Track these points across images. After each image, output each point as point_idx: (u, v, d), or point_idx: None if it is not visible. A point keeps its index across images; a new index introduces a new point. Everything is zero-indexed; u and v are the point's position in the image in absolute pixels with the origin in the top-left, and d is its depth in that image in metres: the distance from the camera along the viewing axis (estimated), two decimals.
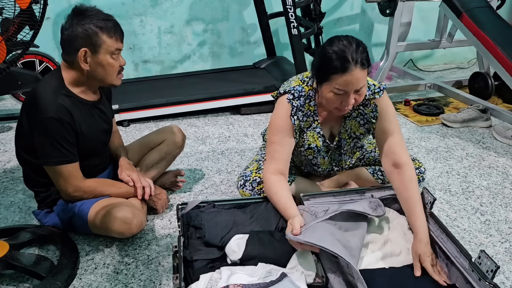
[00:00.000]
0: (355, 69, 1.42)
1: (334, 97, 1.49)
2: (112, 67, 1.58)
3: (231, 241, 1.39)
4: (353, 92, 1.47)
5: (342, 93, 1.47)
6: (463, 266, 1.30)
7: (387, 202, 1.63)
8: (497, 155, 2.48)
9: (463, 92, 3.20)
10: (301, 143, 1.73)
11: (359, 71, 1.43)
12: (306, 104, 1.65)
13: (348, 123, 1.72)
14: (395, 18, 3.10)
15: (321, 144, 1.74)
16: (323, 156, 1.79)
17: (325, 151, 1.77)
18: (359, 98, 1.51)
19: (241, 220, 1.48)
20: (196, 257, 1.36)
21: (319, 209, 1.53)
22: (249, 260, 1.35)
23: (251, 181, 1.84)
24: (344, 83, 1.44)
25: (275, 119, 1.65)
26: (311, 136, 1.72)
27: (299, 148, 1.75)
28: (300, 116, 1.65)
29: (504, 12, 4.15)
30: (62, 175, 1.59)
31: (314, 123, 1.69)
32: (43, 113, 1.51)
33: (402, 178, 1.55)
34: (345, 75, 1.43)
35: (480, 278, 1.21)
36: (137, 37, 3.48)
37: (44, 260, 1.55)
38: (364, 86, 1.49)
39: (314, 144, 1.73)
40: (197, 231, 1.45)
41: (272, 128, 1.65)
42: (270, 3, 3.55)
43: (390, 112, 1.66)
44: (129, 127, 2.89)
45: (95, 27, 1.51)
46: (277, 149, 1.62)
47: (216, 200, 1.57)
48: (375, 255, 1.43)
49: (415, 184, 1.54)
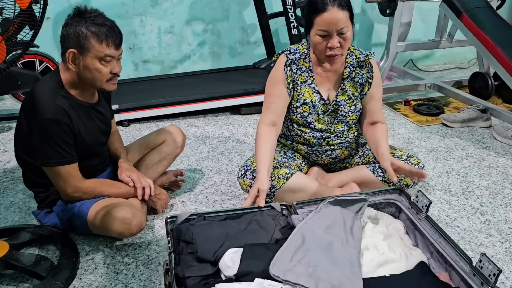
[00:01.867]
0: (332, 8, 1.61)
1: (320, 39, 1.66)
2: (100, 72, 1.54)
3: (225, 255, 1.31)
4: (336, 34, 1.64)
5: (325, 34, 1.64)
6: (463, 270, 1.28)
7: (381, 207, 1.62)
8: (497, 155, 2.48)
9: (463, 92, 3.20)
10: (296, 98, 1.84)
11: (337, 10, 1.61)
12: (301, 59, 1.83)
13: (347, 84, 1.85)
14: (395, 18, 3.10)
15: (317, 100, 1.84)
16: (318, 113, 1.85)
17: (322, 110, 1.86)
18: (344, 42, 1.67)
19: (234, 232, 1.42)
20: (189, 274, 1.28)
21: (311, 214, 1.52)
22: (245, 276, 1.26)
23: (251, 170, 1.84)
24: (324, 22, 1.62)
25: (272, 72, 1.84)
26: (307, 92, 1.84)
27: (295, 104, 1.85)
28: (294, 69, 1.82)
29: (504, 12, 4.15)
30: (61, 176, 1.59)
31: (310, 79, 1.83)
32: (41, 115, 1.51)
33: (374, 129, 1.86)
34: (324, 14, 1.61)
35: (482, 283, 1.19)
36: (137, 37, 3.48)
37: (44, 260, 1.55)
38: (346, 28, 1.64)
39: (309, 99, 1.84)
40: (188, 246, 1.36)
41: (269, 80, 1.85)
42: (270, 3, 3.55)
43: (379, 78, 1.88)
44: (129, 127, 2.89)
45: (86, 30, 1.49)
46: (273, 100, 1.82)
47: (206, 212, 1.51)
48: (373, 262, 1.38)
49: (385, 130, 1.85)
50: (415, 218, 1.51)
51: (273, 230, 1.45)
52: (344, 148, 1.95)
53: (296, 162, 1.97)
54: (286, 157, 1.94)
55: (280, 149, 1.97)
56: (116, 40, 1.53)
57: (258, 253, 1.32)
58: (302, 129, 1.90)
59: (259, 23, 3.41)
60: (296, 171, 1.83)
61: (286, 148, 2.00)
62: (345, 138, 1.93)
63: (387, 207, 1.63)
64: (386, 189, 1.64)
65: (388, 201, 1.62)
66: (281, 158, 1.90)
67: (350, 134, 1.94)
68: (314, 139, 1.90)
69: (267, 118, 1.82)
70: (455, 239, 1.75)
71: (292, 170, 1.83)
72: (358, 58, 1.84)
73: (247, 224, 1.46)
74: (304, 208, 1.56)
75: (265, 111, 1.84)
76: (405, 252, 1.43)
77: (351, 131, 1.94)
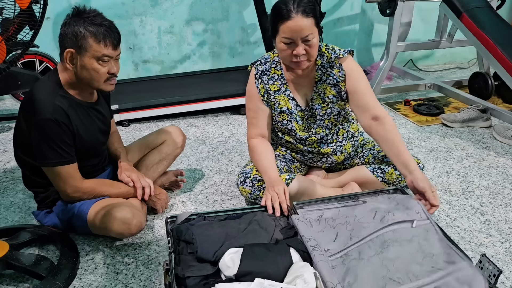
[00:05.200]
0: (296, 16, 1.55)
1: (285, 47, 1.62)
2: (97, 72, 1.54)
3: (225, 255, 1.31)
4: (301, 42, 1.59)
5: (290, 41, 1.60)
6: None
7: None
8: (497, 155, 2.48)
9: (463, 92, 3.20)
10: (274, 107, 1.83)
11: (301, 18, 1.55)
12: (272, 68, 1.81)
13: (320, 87, 1.80)
14: (395, 18, 3.10)
15: (293, 107, 1.81)
16: (297, 120, 1.84)
17: (299, 116, 1.84)
18: (310, 49, 1.61)
19: (234, 232, 1.42)
20: (189, 274, 1.27)
21: (313, 216, 1.52)
22: (245, 276, 1.26)
23: (251, 178, 1.84)
24: (288, 30, 1.57)
25: (247, 86, 1.85)
26: (282, 100, 1.81)
27: (274, 113, 1.84)
28: (265, 79, 1.80)
29: (504, 12, 4.15)
30: (60, 176, 1.59)
31: (283, 86, 1.81)
32: (40, 114, 1.51)
33: (384, 126, 1.67)
34: (288, 22, 1.56)
35: None
36: (137, 37, 3.48)
37: (44, 260, 1.55)
38: (311, 35, 1.58)
39: (285, 107, 1.81)
40: (188, 246, 1.37)
41: (246, 94, 1.86)
42: (270, 3, 3.53)
43: (357, 72, 1.76)
44: (129, 127, 2.89)
45: (84, 30, 1.49)
46: (253, 115, 1.83)
47: (206, 212, 1.52)
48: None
49: (397, 129, 1.68)
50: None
51: (273, 231, 1.44)
52: (339, 153, 1.94)
53: (296, 164, 1.97)
54: (285, 160, 1.94)
55: (279, 153, 1.96)
56: (114, 40, 1.53)
57: (258, 253, 1.31)
58: (287, 139, 1.90)
59: (259, 23, 3.39)
60: (296, 175, 1.83)
61: (284, 151, 1.99)
62: (335, 143, 1.91)
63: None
64: (386, 189, 1.64)
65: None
66: (279, 163, 1.90)
67: (339, 137, 1.91)
68: (304, 147, 1.90)
69: (253, 133, 1.84)
70: (455, 239, 1.75)
71: (292, 174, 1.83)
72: (329, 58, 1.77)
73: (247, 224, 1.46)
74: (304, 208, 1.56)
75: (249, 126, 1.86)
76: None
77: (340, 134, 1.91)
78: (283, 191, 1.58)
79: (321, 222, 1.51)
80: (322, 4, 3.24)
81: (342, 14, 3.91)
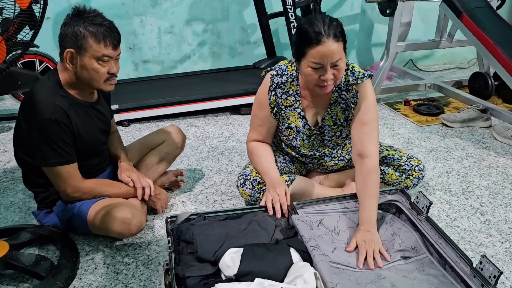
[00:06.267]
0: (327, 41, 1.47)
1: (311, 72, 1.53)
2: (97, 72, 1.54)
3: (225, 255, 1.32)
4: (330, 67, 1.51)
5: (318, 67, 1.51)
6: (464, 271, 1.28)
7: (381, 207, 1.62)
8: (497, 155, 2.48)
9: (463, 92, 3.20)
10: (282, 121, 1.79)
11: (332, 43, 1.47)
12: (288, 83, 1.73)
13: (334, 109, 1.75)
14: (395, 18, 3.10)
15: (301, 126, 1.77)
16: (303, 139, 1.81)
17: (306, 135, 1.80)
18: (338, 73, 1.54)
19: (234, 232, 1.42)
20: (189, 274, 1.28)
21: (313, 219, 1.53)
22: (245, 276, 1.26)
23: (251, 180, 1.84)
24: (318, 55, 1.49)
25: (258, 92, 1.79)
26: (292, 116, 1.77)
27: (281, 126, 1.81)
28: (279, 93, 1.74)
29: (504, 12, 4.15)
30: (60, 176, 1.59)
31: (296, 103, 1.75)
32: (40, 114, 1.51)
33: (362, 169, 1.60)
34: (318, 47, 1.47)
35: (483, 285, 1.19)
36: (137, 37, 3.48)
37: (44, 260, 1.55)
38: (340, 60, 1.51)
39: (294, 124, 1.78)
40: (188, 246, 1.37)
41: (255, 100, 1.81)
42: (270, 3, 3.55)
43: (368, 102, 1.68)
44: (129, 127, 2.89)
45: (84, 30, 1.49)
46: (259, 123, 1.80)
47: (207, 212, 1.52)
48: None
49: (373, 176, 1.57)
50: (416, 219, 1.51)
51: (273, 231, 1.45)
52: (340, 164, 1.93)
53: (296, 165, 1.97)
54: (285, 161, 1.94)
55: (279, 154, 1.96)
56: (114, 40, 1.53)
57: (258, 253, 1.32)
58: (289, 151, 1.89)
59: (259, 23, 3.41)
60: (296, 176, 1.83)
61: (284, 153, 1.98)
62: (339, 157, 1.90)
63: (388, 208, 1.63)
64: (387, 189, 1.64)
65: (389, 202, 1.62)
66: (279, 164, 1.90)
67: (343, 152, 1.90)
68: (306, 160, 1.89)
69: (254, 138, 1.82)
70: (455, 239, 1.75)
71: (292, 175, 1.83)
72: (347, 80, 1.69)
73: (247, 224, 1.46)
74: (304, 208, 1.56)
75: (252, 131, 1.82)
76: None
77: (345, 149, 1.90)
78: (284, 193, 1.58)
79: (321, 228, 1.52)
80: (322, 4, 3.24)
81: (342, 14, 3.91)
